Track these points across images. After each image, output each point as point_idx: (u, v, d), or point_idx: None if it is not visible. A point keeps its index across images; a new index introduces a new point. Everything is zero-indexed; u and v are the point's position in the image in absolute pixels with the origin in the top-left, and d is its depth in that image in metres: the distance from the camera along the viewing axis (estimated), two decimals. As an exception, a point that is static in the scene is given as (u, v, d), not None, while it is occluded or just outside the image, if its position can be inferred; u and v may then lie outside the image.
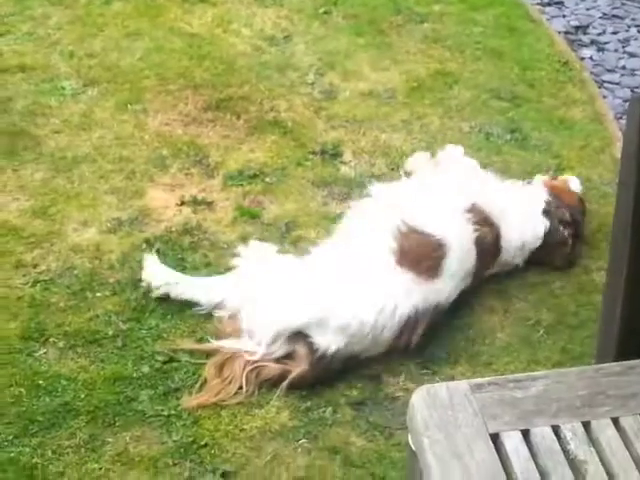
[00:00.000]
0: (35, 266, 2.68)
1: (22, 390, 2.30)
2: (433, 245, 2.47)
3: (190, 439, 2.20)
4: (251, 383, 2.27)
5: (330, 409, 2.30)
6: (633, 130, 1.46)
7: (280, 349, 2.33)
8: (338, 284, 2.41)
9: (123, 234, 2.82)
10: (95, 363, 2.38)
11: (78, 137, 3.23)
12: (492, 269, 2.66)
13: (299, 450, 2.19)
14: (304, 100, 3.50)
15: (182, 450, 2.17)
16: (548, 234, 2.73)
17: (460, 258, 2.51)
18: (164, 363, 2.39)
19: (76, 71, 3.57)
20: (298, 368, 2.29)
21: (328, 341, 2.29)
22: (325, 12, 4.08)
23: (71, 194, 2.98)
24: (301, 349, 2.31)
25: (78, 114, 3.34)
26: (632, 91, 3.68)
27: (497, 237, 2.63)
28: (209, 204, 2.96)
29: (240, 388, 2.26)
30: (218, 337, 2.41)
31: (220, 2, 4.13)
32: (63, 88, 3.47)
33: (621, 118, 3.52)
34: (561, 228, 2.76)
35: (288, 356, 2.33)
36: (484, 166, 3.18)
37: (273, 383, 2.30)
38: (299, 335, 2.32)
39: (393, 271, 2.42)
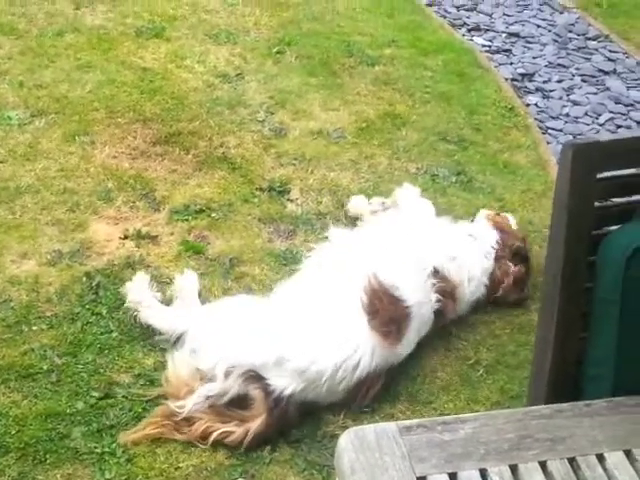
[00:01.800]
0: (-30, 297, 2.62)
1: (-51, 426, 2.23)
2: (402, 311, 2.46)
3: (123, 477, 2.16)
4: (210, 442, 2.21)
5: (268, 447, 2.27)
6: (564, 177, 1.49)
7: (234, 387, 2.26)
8: (302, 327, 2.37)
9: (63, 266, 2.78)
10: (28, 398, 2.33)
11: (22, 167, 3.19)
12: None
13: (235, 489, 2.15)
14: (254, 137, 3.52)
15: (114, 489, 2.12)
16: (501, 274, 2.77)
17: (420, 329, 2.53)
18: (99, 399, 2.35)
19: (24, 101, 3.54)
20: (257, 419, 2.22)
21: (284, 383, 2.25)
22: (278, 52, 4.13)
23: (11, 225, 2.93)
24: (256, 392, 2.25)
25: (24, 144, 3.31)
26: (574, 138, 3.76)
27: (455, 299, 2.64)
28: (153, 238, 2.94)
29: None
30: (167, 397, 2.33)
31: (174, 38, 4.16)
32: (10, 118, 3.43)
33: (564, 164, 3.60)
34: (514, 265, 2.79)
35: (243, 404, 2.27)
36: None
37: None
38: (255, 377, 2.27)
39: (362, 327, 2.39)
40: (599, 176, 1.49)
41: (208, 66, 3.96)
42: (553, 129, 3.83)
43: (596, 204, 1.53)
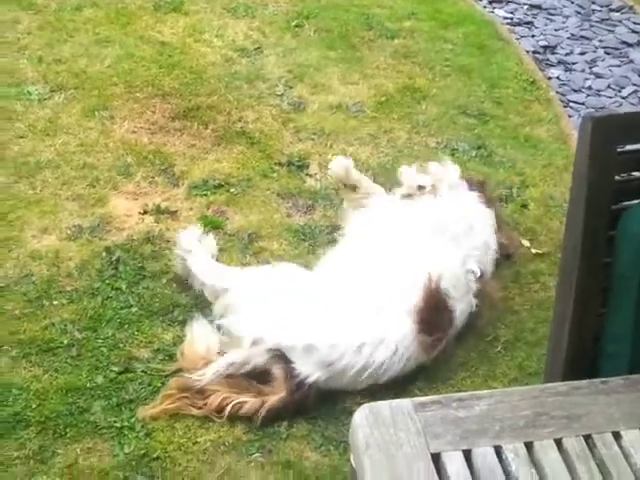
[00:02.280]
0: (-8, 272, 2.64)
1: (-28, 398, 2.26)
2: (448, 321, 2.40)
3: (142, 452, 2.18)
4: (225, 414, 2.20)
5: (285, 423, 2.28)
6: (584, 149, 1.47)
7: (258, 358, 2.26)
8: (339, 317, 2.31)
9: (83, 242, 2.79)
10: (48, 372, 2.35)
11: (42, 143, 3.20)
12: None
13: (252, 464, 2.17)
14: (272, 112, 3.50)
15: (133, 463, 2.15)
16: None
17: (452, 341, 2.47)
18: (119, 374, 2.37)
19: (43, 76, 3.54)
20: (275, 396, 2.21)
21: (309, 370, 2.23)
22: (297, 25, 4.09)
23: (32, 200, 2.95)
24: (279, 371, 2.24)
25: (43, 119, 3.31)
26: (597, 111, 3.71)
27: (487, 298, 2.58)
28: (172, 213, 2.95)
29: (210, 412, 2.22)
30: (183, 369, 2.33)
31: (192, 12, 4.13)
32: (29, 93, 3.44)
33: (586, 138, 3.55)
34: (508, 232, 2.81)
35: (263, 379, 2.26)
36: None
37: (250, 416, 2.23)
38: (280, 356, 2.25)
39: (406, 332, 2.33)
40: (619, 149, 1.47)
41: (226, 40, 3.93)
42: (575, 102, 3.78)
43: (616, 178, 1.51)
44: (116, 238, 2.83)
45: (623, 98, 3.81)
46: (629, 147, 1.50)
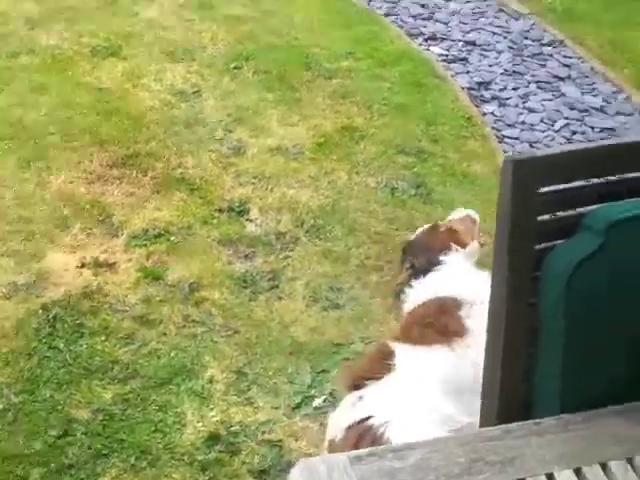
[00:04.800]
0: None
1: None
2: None
3: (83, 518, 2.13)
4: None
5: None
6: (506, 191, 1.48)
7: None
8: None
9: (19, 299, 2.74)
10: (-16, 440, 2.29)
11: (-25, 197, 3.15)
12: None
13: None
14: (212, 156, 3.50)
15: (74, 530, 2.10)
16: None
17: None
18: (58, 437, 2.32)
19: (-23, 128, 3.49)
20: None
21: None
22: (236, 67, 4.11)
23: (-34, 258, 2.89)
24: None
25: (-23, 173, 3.26)
26: (531, 145, 3.80)
27: None
28: (111, 266, 2.92)
29: None
30: None
31: (130, 56, 4.12)
32: (-38, 146, 3.39)
33: (522, 173, 3.63)
34: None
35: None
36: (391, 221, 3.24)
37: None
38: None
39: None
40: (541, 191, 1.49)
41: (165, 84, 3.93)
42: (509, 137, 3.85)
43: (539, 219, 1.53)
44: (53, 294, 2.78)
45: (556, 132, 3.90)
46: (550, 188, 1.52)
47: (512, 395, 1.59)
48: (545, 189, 1.54)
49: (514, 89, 4.18)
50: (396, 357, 2.07)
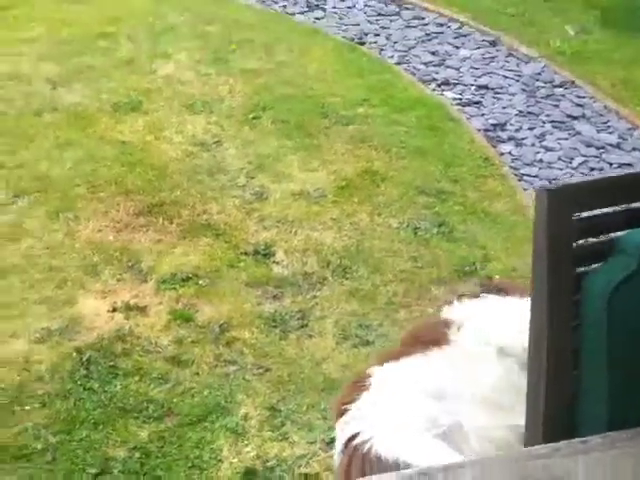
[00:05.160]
0: (-39, 380, 2.60)
1: (-55, 514, 2.19)
2: None
3: None
4: None
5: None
6: (541, 221, 1.53)
7: None
8: None
9: (53, 344, 2.77)
10: (23, 479, 2.29)
11: (7, 248, 3.21)
12: None
13: None
14: (235, 202, 3.56)
15: None
16: None
17: None
18: (96, 476, 2.32)
19: (6, 182, 3.57)
20: None
21: None
22: (254, 117, 4.21)
23: (-1, 305, 2.93)
24: None
25: (7, 224, 3.33)
26: (550, 182, 3.84)
27: None
28: (142, 309, 2.95)
29: None
30: None
31: (151, 110, 4.23)
32: (-8, 199, 3.46)
33: (542, 209, 3.67)
34: None
35: None
36: (415, 260, 3.27)
37: None
38: None
39: None
40: (574, 217, 1.54)
41: (186, 136, 4.02)
42: (528, 175, 3.91)
43: (575, 244, 1.57)
44: (86, 338, 2.81)
45: (574, 169, 3.95)
46: (584, 214, 1.57)
47: (557, 419, 1.60)
48: (579, 216, 1.59)
49: (530, 129, 4.25)
50: (371, 377, 2.10)
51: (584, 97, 4.62)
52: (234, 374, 2.70)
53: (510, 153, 4.08)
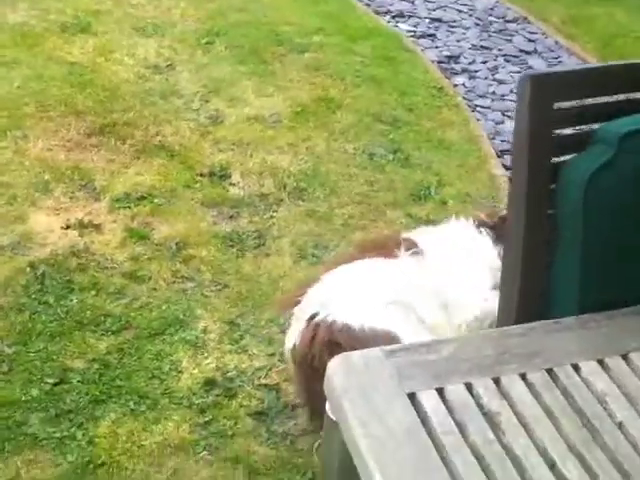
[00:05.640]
0: None
1: None
2: None
3: (86, 459, 2.12)
4: None
5: (230, 421, 2.26)
6: (523, 107, 1.55)
7: None
8: None
9: (5, 259, 2.71)
10: (-20, 389, 2.26)
11: (-47, 164, 3.11)
12: None
13: (201, 463, 2.14)
14: (190, 125, 3.50)
15: (78, 471, 2.08)
16: None
17: None
18: (54, 385, 2.30)
19: (-51, 98, 3.44)
20: None
21: None
22: (207, 42, 4.13)
23: (-53, 221, 2.85)
24: None
25: (-48, 141, 3.22)
26: (503, 114, 3.89)
27: None
28: (96, 227, 2.90)
29: None
30: None
31: (100, 33, 4.11)
32: (-64, 117, 3.33)
33: (494, 139, 3.72)
34: None
35: None
36: (371, 184, 3.30)
37: None
38: None
39: None
40: (556, 106, 1.56)
41: (138, 58, 3.93)
42: (481, 107, 3.94)
43: (555, 133, 1.59)
44: (39, 254, 2.75)
45: (525, 101, 3.99)
46: (566, 104, 1.59)
47: (530, 305, 1.64)
48: (560, 104, 1.61)
49: (483, 62, 4.28)
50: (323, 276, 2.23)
51: (536, 33, 4.66)
52: (192, 290, 2.69)
53: (464, 85, 4.10)
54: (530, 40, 4.55)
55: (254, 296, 2.70)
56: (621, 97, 1.65)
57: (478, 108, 3.94)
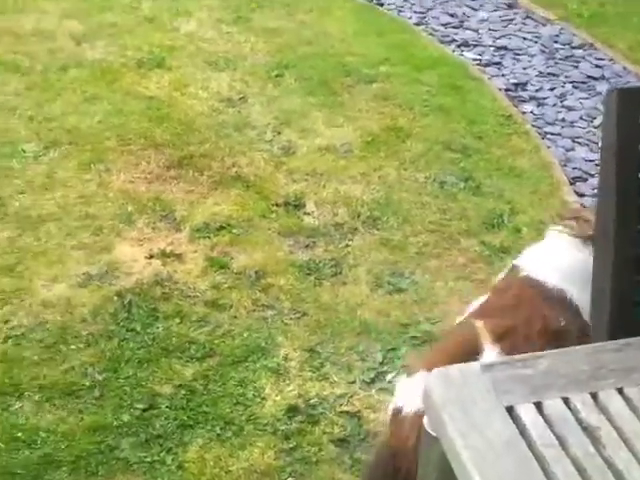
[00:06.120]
0: (6, 322, 2.66)
1: (0, 444, 2.26)
2: None
3: (176, 484, 2.19)
4: None
5: (314, 448, 2.31)
6: (610, 121, 1.57)
7: None
8: None
9: (94, 288, 2.82)
10: (73, 414, 2.36)
11: (42, 197, 3.25)
12: None
13: (286, 488, 2.20)
14: (264, 156, 3.60)
15: (169, 495, 2.16)
16: None
17: None
18: (144, 410, 2.39)
19: (36, 134, 3.61)
20: None
21: None
22: (277, 75, 4.23)
23: (38, 251, 2.98)
24: None
25: (41, 175, 3.37)
26: (573, 141, 3.89)
27: None
28: (178, 256, 3.00)
29: None
30: None
31: (175, 67, 4.25)
32: (24, 151, 3.49)
33: (565, 166, 3.73)
34: None
35: None
36: (443, 212, 3.33)
37: None
38: None
39: None
40: None
41: (211, 92, 4.05)
42: (551, 133, 3.95)
43: None
44: (125, 283, 2.86)
45: (596, 127, 3.99)
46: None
47: (622, 321, 1.65)
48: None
49: (550, 89, 4.29)
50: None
51: (603, 59, 4.64)
52: (272, 318, 2.76)
53: (532, 112, 4.11)
54: (597, 66, 4.54)
55: (333, 324, 2.76)
56: None
57: (548, 135, 3.95)
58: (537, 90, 4.31)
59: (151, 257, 2.98)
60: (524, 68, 4.52)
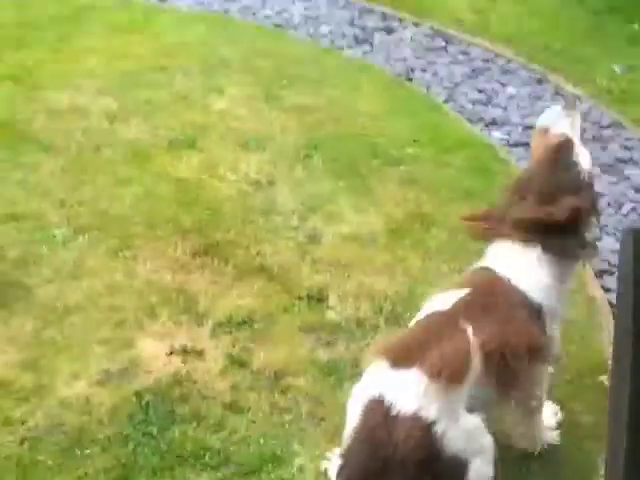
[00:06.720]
0: (23, 422, 2.69)
1: None
2: None
3: None
4: None
5: None
6: (627, 259, 1.57)
7: None
8: None
9: (113, 386, 2.85)
10: (85, 526, 2.37)
11: (69, 286, 3.30)
12: None
13: None
14: (289, 244, 3.63)
15: None
16: None
17: None
18: (157, 523, 2.39)
19: (67, 219, 3.68)
20: None
21: None
22: (306, 156, 4.28)
23: (61, 346, 3.02)
24: None
25: (69, 262, 3.43)
26: (600, 230, 3.85)
27: None
28: (198, 353, 3.02)
29: None
30: None
31: (206, 147, 4.33)
32: (54, 236, 3.57)
33: (592, 257, 3.68)
34: None
35: None
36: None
37: None
38: None
39: None
40: None
41: (240, 174, 4.11)
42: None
43: None
44: (144, 381, 2.88)
45: (624, 216, 3.96)
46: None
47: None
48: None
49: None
50: None
51: (632, 139, 4.62)
52: (289, 423, 2.75)
53: (560, 197, 4.08)
54: (626, 148, 4.51)
55: (350, 430, 2.73)
56: None
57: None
58: (566, 174, 4.28)
59: (171, 353, 3.01)
60: (552, 150, 4.49)
